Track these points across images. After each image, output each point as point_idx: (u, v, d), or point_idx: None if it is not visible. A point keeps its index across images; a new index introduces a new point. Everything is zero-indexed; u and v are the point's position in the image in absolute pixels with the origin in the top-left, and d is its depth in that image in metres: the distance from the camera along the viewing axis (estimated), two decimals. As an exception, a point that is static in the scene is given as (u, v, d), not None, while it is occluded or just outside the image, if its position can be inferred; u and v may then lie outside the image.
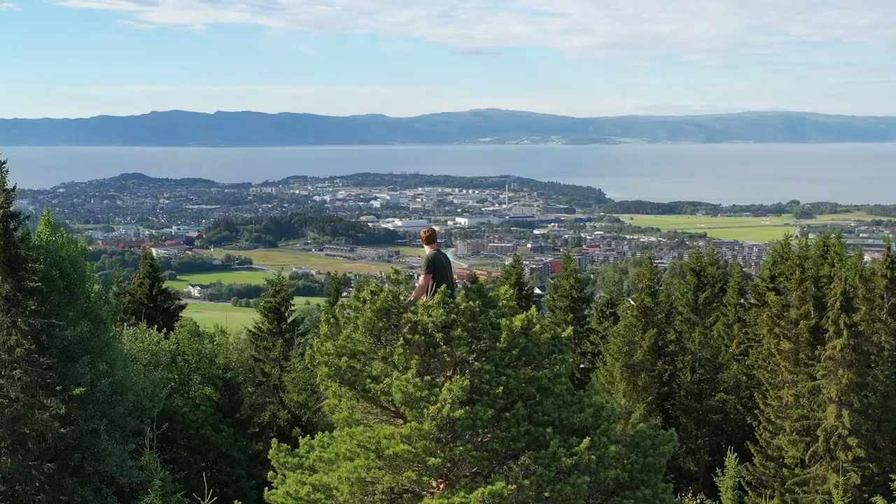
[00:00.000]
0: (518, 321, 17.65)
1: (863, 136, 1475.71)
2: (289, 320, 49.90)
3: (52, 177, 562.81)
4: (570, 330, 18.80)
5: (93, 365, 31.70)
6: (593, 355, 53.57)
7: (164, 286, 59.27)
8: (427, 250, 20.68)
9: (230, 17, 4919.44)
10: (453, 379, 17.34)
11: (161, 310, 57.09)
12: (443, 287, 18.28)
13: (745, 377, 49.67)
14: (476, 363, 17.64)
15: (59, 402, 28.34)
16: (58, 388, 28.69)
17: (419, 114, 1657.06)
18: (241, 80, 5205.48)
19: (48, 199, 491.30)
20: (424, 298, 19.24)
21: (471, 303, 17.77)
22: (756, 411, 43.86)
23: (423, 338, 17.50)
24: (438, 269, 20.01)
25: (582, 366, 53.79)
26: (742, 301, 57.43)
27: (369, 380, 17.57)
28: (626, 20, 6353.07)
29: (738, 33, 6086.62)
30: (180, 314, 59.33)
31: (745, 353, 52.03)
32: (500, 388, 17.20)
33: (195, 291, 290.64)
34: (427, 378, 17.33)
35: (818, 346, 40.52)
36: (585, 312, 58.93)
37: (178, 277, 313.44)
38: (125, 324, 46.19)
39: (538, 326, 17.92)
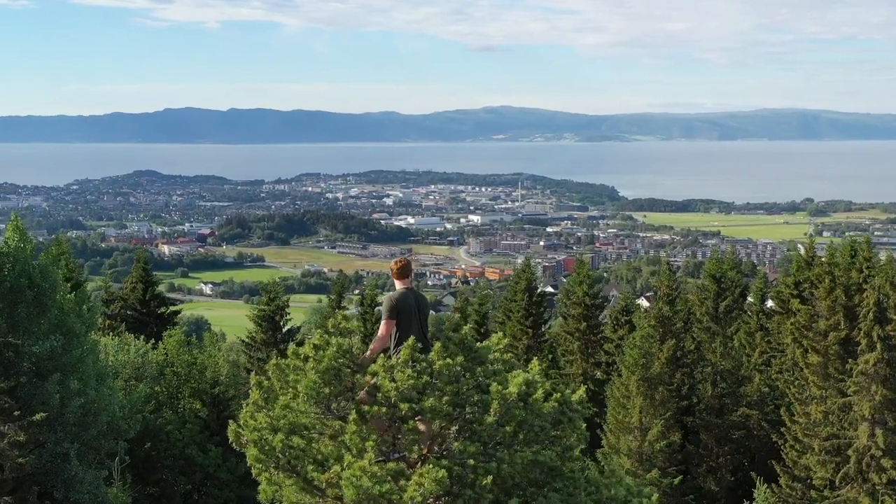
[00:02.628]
0: (514, 385, 13.03)
1: (878, 134, 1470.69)
2: (284, 329, 47.23)
3: (66, 174, 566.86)
4: (582, 391, 14.45)
5: (63, 383, 29.03)
6: (608, 365, 50.89)
7: (158, 290, 56.58)
8: (397, 286, 16.26)
9: (245, 15, 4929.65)
10: (425, 467, 12.90)
11: (155, 315, 54.62)
12: (411, 339, 13.79)
13: (767, 389, 46.98)
14: (457, 443, 13.18)
15: (17, 428, 25.65)
16: (16, 412, 25.97)
17: (432, 111, 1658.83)
18: (255, 77, 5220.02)
19: (62, 196, 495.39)
20: (391, 353, 14.93)
21: (449, 360, 13.28)
22: (782, 429, 41.09)
23: (384, 409, 13.00)
24: (405, 313, 15.49)
25: (596, 376, 51.26)
26: (764, 308, 54.61)
27: (312, 465, 13.26)
28: (639, 18, 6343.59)
29: (751, 31, 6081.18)
30: (176, 318, 56.81)
31: (767, 363, 49.33)
32: (489, 478, 12.81)
33: (207, 289, 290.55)
34: (390, 465, 12.81)
35: (849, 360, 37.89)
36: (600, 318, 56.19)
37: (189, 275, 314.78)
38: (112, 333, 43.72)
39: (540, 391, 13.42)
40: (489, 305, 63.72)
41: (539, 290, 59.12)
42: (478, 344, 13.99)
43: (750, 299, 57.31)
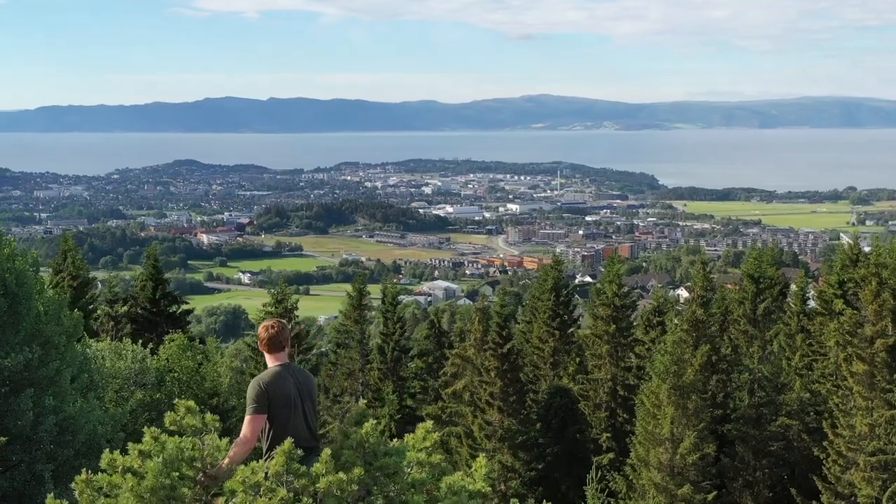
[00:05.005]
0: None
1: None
2: (292, 333, 44.65)
3: (107, 163, 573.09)
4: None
5: (37, 399, 26.72)
6: (639, 369, 48.06)
7: (169, 289, 54.07)
8: (269, 362, 11.52)
9: (283, 4, 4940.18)
10: None
11: (165, 315, 52.29)
12: (287, 443, 9.32)
13: (808, 394, 44.05)
14: None
15: (-27, 454, 23.34)
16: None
17: (471, 100, 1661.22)
18: (294, 66, 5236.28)
19: (102, 186, 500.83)
20: (263, 460, 10.15)
21: (342, 474, 8.93)
22: (824, 442, 38.20)
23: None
24: (280, 402, 10.96)
25: (627, 381, 48.44)
26: (805, 308, 51.49)
27: None
28: (680, 5, 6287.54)
29: (793, 18, 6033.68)
30: (188, 318, 54.49)
31: (809, 366, 46.39)
32: None
33: (245, 278, 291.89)
34: None
35: (898, 369, 35.09)
36: (631, 318, 53.15)
37: (228, 264, 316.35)
38: (112, 336, 41.47)
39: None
40: (511, 307, 61.03)
41: (567, 291, 56.34)
42: (393, 442, 9.43)
43: (790, 299, 54.29)
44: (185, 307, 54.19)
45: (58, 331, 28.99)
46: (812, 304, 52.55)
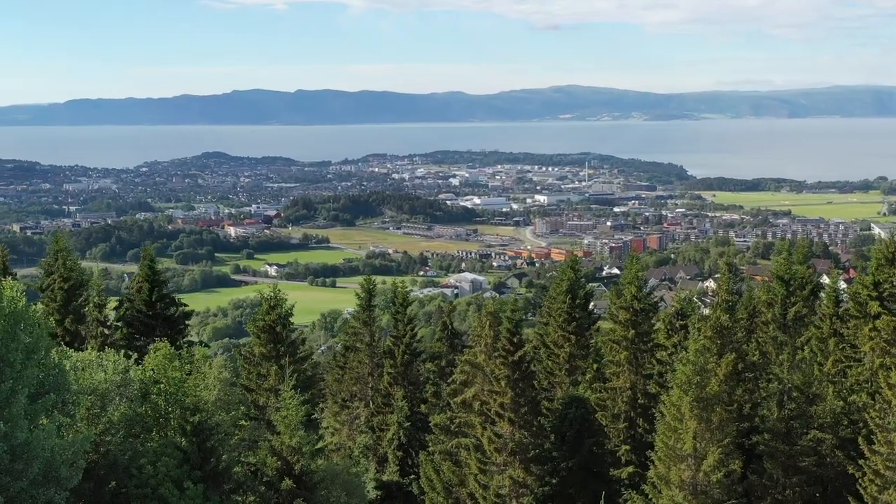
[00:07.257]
0: None
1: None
2: (286, 342, 41.72)
3: (136, 156, 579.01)
4: None
5: (-12, 424, 24.16)
6: (660, 376, 45.02)
7: (166, 291, 51.18)
8: None
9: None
10: None
11: (162, 318, 49.61)
12: None
13: (842, 403, 40.92)
14: None
15: None
16: None
17: (499, 91, 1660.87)
18: (322, 58, 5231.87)
19: (131, 178, 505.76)
20: None
21: None
22: (861, 460, 35.10)
23: None
24: None
25: (647, 390, 45.36)
26: (837, 311, 48.21)
27: None
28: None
29: (824, 6, 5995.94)
30: (187, 322, 51.71)
31: (842, 373, 43.31)
32: None
33: (272, 270, 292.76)
34: None
35: (941, 382, 32.07)
36: (652, 321, 49.82)
37: (255, 256, 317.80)
38: (98, 342, 38.90)
39: None
40: (521, 313, 58.10)
41: (584, 292, 53.19)
42: None
43: (822, 296, 51.12)
44: (183, 309, 51.43)
45: (13, 347, 26.29)
46: (845, 297, 49.38)
